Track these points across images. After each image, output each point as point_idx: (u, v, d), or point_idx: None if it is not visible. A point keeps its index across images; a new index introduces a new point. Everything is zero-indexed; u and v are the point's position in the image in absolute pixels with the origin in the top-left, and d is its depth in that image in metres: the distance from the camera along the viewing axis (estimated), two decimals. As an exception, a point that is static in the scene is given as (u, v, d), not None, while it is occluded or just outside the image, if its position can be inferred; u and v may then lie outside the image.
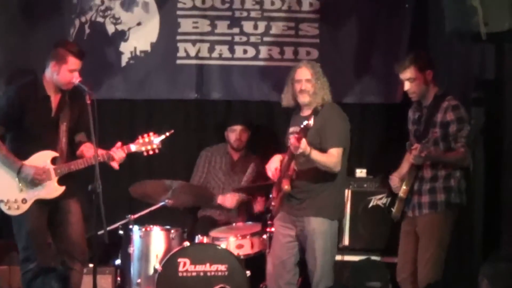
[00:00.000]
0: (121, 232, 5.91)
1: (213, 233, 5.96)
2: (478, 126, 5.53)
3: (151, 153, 5.28)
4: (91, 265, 5.29)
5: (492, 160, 5.50)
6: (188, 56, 6.67)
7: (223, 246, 5.74)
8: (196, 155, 6.60)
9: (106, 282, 6.00)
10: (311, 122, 4.97)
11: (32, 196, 5.18)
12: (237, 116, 6.61)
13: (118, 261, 5.96)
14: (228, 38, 6.68)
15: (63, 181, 5.22)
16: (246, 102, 6.79)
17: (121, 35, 6.63)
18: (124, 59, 6.64)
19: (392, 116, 6.56)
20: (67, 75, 5.18)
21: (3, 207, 5.19)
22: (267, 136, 6.64)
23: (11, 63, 6.44)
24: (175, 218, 6.20)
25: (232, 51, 6.68)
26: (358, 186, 6.15)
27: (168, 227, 5.93)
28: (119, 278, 5.97)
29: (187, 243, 5.72)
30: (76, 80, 5.15)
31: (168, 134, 5.31)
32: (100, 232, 4.91)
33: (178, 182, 5.94)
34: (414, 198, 5.20)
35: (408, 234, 5.26)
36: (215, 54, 6.68)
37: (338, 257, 5.97)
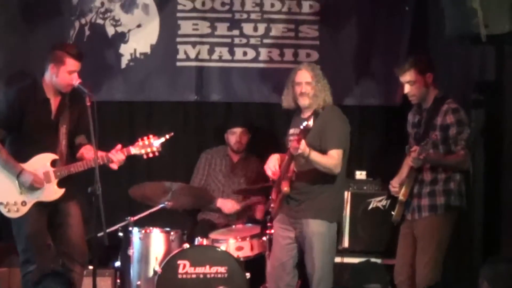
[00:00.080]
0: (120, 234, 5.90)
1: (212, 235, 5.96)
2: (478, 128, 5.53)
3: (151, 156, 5.27)
4: (90, 267, 5.28)
5: (492, 163, 5.50)
6: (188, 58, 6.66)
7: (223, 248, 5.74)
8: (196, 157, 6.59)
9: (106, 284, 5.99)
10: (311, 123, 4.97)
11: (31, 198, 5.18)
12: (237, 119, 6.60)
13: (118, 263, 5.96)
14: (228, 40, 6.68)
15: (63, 183, 5.22)
16: (246, 104, 6.78)
17: (121, 37, 6.62)
18: (124, 61, 6.63)
19: (392, 118, 6.56)
20: (66, 77, 5.17)
21: (2, 209, 5.19)
22: (267, 138, 6.63)
23: (11, 64, 6.43)
24: (175, 220, 6.19)
25: (232, 53, 6.67)
26: (358, 188, 6.16)
27: (167, 229, 5.92)
28: (118, 280, 5.97)
29: (186, 245, 5.72)
30: (76, 82, 5.15)
31: (168, 136, 5.30)
32: (100, 234, 4.90)
33: (178, 184, 5.94)
34: (414, 201, 5.19)
35: (406, 237, 5.26)
36: (215, 56, 6.67)
37: (338, 259, 5.97)
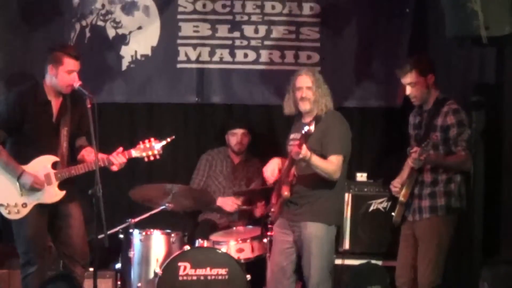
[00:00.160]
0: (121, 236, 5.90)
1: (213, 237, 5.96)
2: (479, 130, 5.52)
3: (152, 159, 5.28)
4: (91, 269, 5.27)
5: (492, 164, 5.49)
6: (188, 60, 6.66)
7: (223, 250, 5.73)
8: (196, 159, 6.59)
9: (107, 286, 6.01)
10: (312, 128, 4.96)
11: (32, 200, 5.18)
12: (238, 120, 6.60)
13: (119, 265, 5.95)
14: (228, 42, 6.68)
15: (64, 185, 5.22)
16: (246, 106, 6.78)
17: (121, 39, 6.62)
18: (125, 63, 6.64)
19: (392, 120, 6.55)
20: (65, 77, 5.17)
21: (3, 211, 5.19)
22: (268, 140, 6.63)
23: (12, 65, 6.45)
24: (176, 222, 6.19)
25: (232, 55, 6.68)
26: (359, 190, 6.15)
27: (168, 231, 5.92)
28: (119, 282, 5.96)
29: (187, 247, 5.71)
30: (76, 84, 5.15)
31: (169, 140, 5.30)
32: (101, 236, 4.92)
33: (178, 186, 5.93)
34: (415, 203, 5.19)
35: (407, 238, 5.26)
36: (216, 58, 6.67)
37: (339, 261, 5.99)
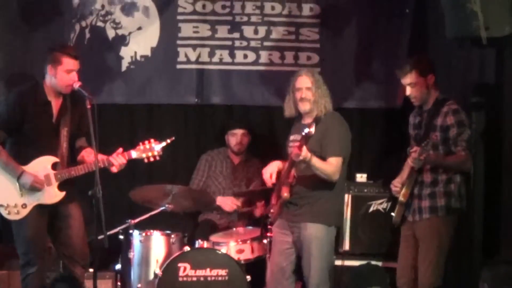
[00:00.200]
0: (121, 236, 5.90)
1: (213, 237, 5.96)
2: (479, 130, 5.52)
3: (151, 160, 5.28)
4: (91, 269, 5.27)
5: (492, 164, 5.50)
6: (188, 61, 6.66)
7: (223, 250, 5.73)
8: (196, 160, 6.59)
9: (107, 287, 6.00)
10: (312, 129, 4.96)
11: (32, 201, 5.17)
12: (237, 121, 6.59)
13: (118, 265, 5.94)
14: (228, 43, 6.68)
15: (64, 186, 5.22)
16: (246, 106, 6.78)
17: (121, 40, 6.62)
18: (125, 64, 6.63)
19: (392, 121, 6.55)
20: (64, 76, 5.17)
21: (3, 211, 5.19)
22: (268, 141, 6.63)
23: (12, 66, 6.44)
24: (175, 223, 6.19)
25: (232, 55, 6.68)
26: (359, 191, 6.15)
27: (168, 231, 5.91)
28: (119, 283, 5.95)
29: (187, 248, 5.71)
30: (76, 84, 5.14)
31: (169, 141, 5.30)
32: (100, 236, 4.91)
33: (178, 186, 5.92)
34: (414, 203, 5.19)
35: (407, 239, 5.26)
36: (216, 59, 6.67)
37: (338, 262, 5.99)
